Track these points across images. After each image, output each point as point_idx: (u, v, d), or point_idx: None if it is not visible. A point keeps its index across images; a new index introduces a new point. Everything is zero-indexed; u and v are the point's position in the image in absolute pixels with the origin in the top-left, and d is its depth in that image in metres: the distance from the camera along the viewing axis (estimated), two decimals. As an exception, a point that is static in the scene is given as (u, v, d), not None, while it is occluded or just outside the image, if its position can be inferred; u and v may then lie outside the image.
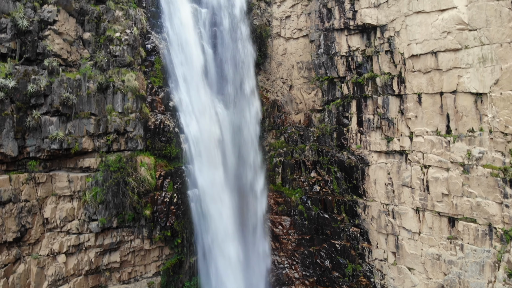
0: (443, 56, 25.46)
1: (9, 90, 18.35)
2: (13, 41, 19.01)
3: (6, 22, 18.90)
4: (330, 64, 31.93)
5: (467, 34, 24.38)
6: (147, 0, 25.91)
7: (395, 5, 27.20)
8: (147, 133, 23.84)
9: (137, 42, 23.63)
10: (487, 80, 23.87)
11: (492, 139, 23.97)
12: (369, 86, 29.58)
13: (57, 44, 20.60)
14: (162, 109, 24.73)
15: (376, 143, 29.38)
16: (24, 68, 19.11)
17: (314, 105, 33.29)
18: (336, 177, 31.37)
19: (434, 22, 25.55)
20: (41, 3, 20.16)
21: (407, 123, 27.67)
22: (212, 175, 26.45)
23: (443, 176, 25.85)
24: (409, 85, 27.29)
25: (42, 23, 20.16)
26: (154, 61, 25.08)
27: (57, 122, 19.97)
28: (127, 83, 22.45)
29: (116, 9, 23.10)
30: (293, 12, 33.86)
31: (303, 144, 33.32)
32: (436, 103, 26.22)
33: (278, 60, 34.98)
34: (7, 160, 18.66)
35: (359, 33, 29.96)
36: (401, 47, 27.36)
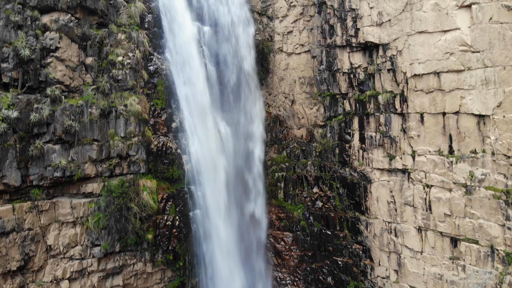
0: (445, 76, 25.41)
1: (11, 120, 18.39)
2: (15, 70, 19.01)
3: (8, 52, 18.90)
4: (332, 81, 31.89)
5: (470, 55, 24.32)
6: (149, 21, 25.88)
7: (398, 24, 27.13)
8: (149, 156, 23.89)
9: (140, 65, 23.63)
10: (490, 102, 23.82)
11: (495, 161, 23.93)
12: (371, 103, 29.55)
13: (60, 71, 20.61)
14: (165, 131, 24.76)
15: (378, 160, 29.37)
16: (27, 98, 19.13)
17: (316, 120, 33.26)
18: (339, 193, 31.38)
19: (437, 43, 25.48)
20: (43, 30, 20.14)
21: (409, 142, 27.64)
22: (214, 195, 26.51)
23: (446, 197, 25.84)
24: (412, 104, 27.25)
25: (44, 50, 20.16)
26: (157, 83, 25.09)
27: (59, 149, 20.02)
28: (129, 107, 22.47)
29: (119, 32, 23.10)
30: (295, 27, 33.80)
31: (305, 159, 33.32)
32: (439, 123, 26.18)
33: (280, 75, 34.95)
34: (10, 190, 18.74)
35: (361, 51, 29.91)
36: (404, 66, 27.31)
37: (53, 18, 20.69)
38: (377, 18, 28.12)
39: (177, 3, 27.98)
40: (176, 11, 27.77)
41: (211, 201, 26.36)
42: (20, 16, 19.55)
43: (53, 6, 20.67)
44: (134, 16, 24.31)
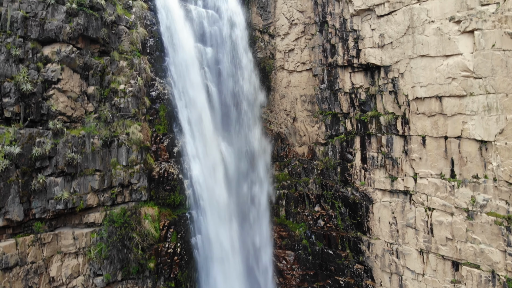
0: (447, 101, 25.37)
1: (14, 156, 18.42)
2: (17, 104, 19.03)
3: (10, 86, 18.91)
4: (334, 100, 31.86)
5: (472, 81, 24.27)
6: (151, 45, 25.86)
7: (400, 47, 27.07)
8: (151, 183, 23.93)
9: (142, 92, 23.63)
10: (492, 128, 23.78)
11: (497, 187, 23.92)
12: (373, 124, 29.52)
13: (62, 103, 20.62)
14: (167, 157, 24.79)
15: (380, 181, 29.37)
16: (29, 132, 19.15)
17: (317, 138, 33.25)
18: (340, 212, 31.40)
19: (439, 67, 25.43)
20: (44, 62, 20.14)
21: (411, 164, 27.63)
22: (216, 218, 26.54)
23: (447, 221, 25.84)
24: (413, 126, 27.22)
25: (46, 83, 20.17)
26: (159, 109, 25.10)
27: (62, 182, 20.06)
28: (131, 136, 22.49)
29: (120, 60, 23.09)
30: (296, 45, 33.74)
31: (306, 177, 33.32)
32: (441, 146, 26.15)
33: (282, 92, 34.92)
34: (13, 225, 18.79)
35: (362, 71, 29.86)
36: (405, 89, 27.26)
37: (55, 50, 20.68)
38: (379, 40, 28.05)
39: (178, 26, 27.95)
40: (178, 34, 27.75)
41: (213, 225, 26.41)
42: (21, 50, 19.54)
43: (55, 38, 20.66)
44: (135, 42, 24.29)
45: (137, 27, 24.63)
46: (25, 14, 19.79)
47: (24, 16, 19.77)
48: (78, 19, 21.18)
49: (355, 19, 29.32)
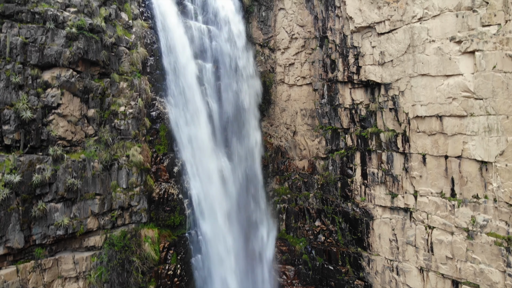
0: (448, 120, 25.34)
1: (14, 185, 18.42)
2: (16, 132, 19.02)
3: (9, 114, 18.89)
4: (334, 115, 31.83)
5: (472, 102, 24.23)
6: (152, 64, 25.82)
7: (400, 65, 27.02)
8: (151, 205, 23.95)
9: (142, 113, 23.62)
10: (492, 149, 23.76)
11: (497, 208, 23.92)
12: (373, 140, 29.50)
13: (62, 127, 20.61)
14: (167, 177, 24.80)
15: (380, 197, 29.37)
16: (29, 159, 19.15)
17: (318, 153, 33.23)
18: (341, 227, 31.42)
19: (439, 87, 25.39)
20: (44, 88, 20.11)
21: (411, 182, 27.62)
22: (216, 237, 26.57)
23: (447, 240, 25.85)
24: (414, 144, 27.19)
25: (46, 108, 20.15)
26: (159, 128, 25.08)
27: (62, 208, 20.08)
28: (131, 158, 22.49)
29: (121, 81, 23.05)
30: (296, 59, 33.69)
31: (307, 192, 33.34)
32: (441, 165, 26.14)
33: (282, 106, 34.89)
34: (14, 252, 18.80)
35: (363, 87, 29.82)
36: (406, 107, 27.23)
37: (55, 75, 20.65)
38: (379, 57, 27.99)
39: (178, 43, 27.90)
40: (178, 51, 27.71)
41: (213, 244, 26.44)
42: (21, 76, 19.51)
43: (54, 63, 20.62)
44: (136, 63, 24.25)
45: (137, 47, 24.58)
46: (24, 40, 19.75)
47: (24, 42, 19.73)
48: (78, 43, 21.14)
49: (356, 36, 29.26)
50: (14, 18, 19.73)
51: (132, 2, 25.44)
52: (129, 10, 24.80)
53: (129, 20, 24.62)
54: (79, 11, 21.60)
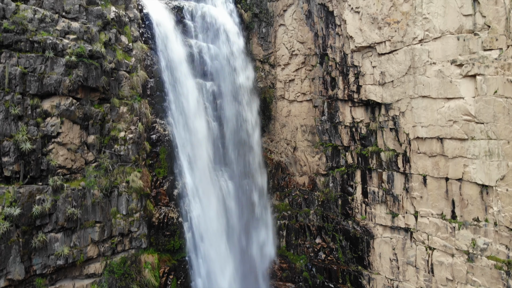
0: (449, 143, 25.28)
1: (14, 218, 18.39)
2: (16, 163, 18.97)
3: (9, 145, 18.84)
4: (334, 132, 31.77)
5: (473, 126, 24.16)
6: (152, 86, 25.75)
7: (401, 86, 26.94)
8: (151, 230, 23.94)
9: (142, 137, 23.57)
10: (493, 174, 23.70)
11: (497, 232, 23.89)
12: (374, 159, 29.45)
13: (61, 156, 20.56)
14: (166, 201, 24.77)
15: (381, 216, 29.35)
16: (29, 190, 19.12)
17: (318, 169, 33.18)
18: (341, 245, 31.41)
19: (440, 109, 25.32)
20: (43, 117, 20.05)
21: (412, 202, 27.59)
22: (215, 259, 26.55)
23: (448, 261, 25.84)
24: (414, 165, 27.14)
25: (46, 138, 20.09)
26: (159, 151, 25.04)
27: (62, 237, 20.06)
28: (131, 184, 22.46)
29: (121, 105, 23.00)
30: (297, 76, 33.60)
31: (307, 208, 33.31)
32: (442, 187, 26.10)
33: (282, 122, 34.83)
34: (14, 283, 18.80)
35: (363, 106, 29.74)
36: (406, 128, 27.16)
37: (54, 104, 20.58)
38: (380, 77, 27.91)
39: (179, 62, 27.84)
40: (178, 71, 27.65)
41: (212, 266, 26.41)
42: (20, 107, 19.44)
43: (54, 92, 20.55)
44: (136, 87, 24.17)
45: (138, 70, 24.50)
46: (23, 70, 19.67)
47: (23, 72, 19.65)
48: (77, 70, 21.06)
49: (356, 55, 29.16)
50: (12, 48, 19.64)
51: (132, 24, 25.33)
52: (129, 33, 24.70)
53: (129, 43, 24.52)
54: (79, 38, 21.50)
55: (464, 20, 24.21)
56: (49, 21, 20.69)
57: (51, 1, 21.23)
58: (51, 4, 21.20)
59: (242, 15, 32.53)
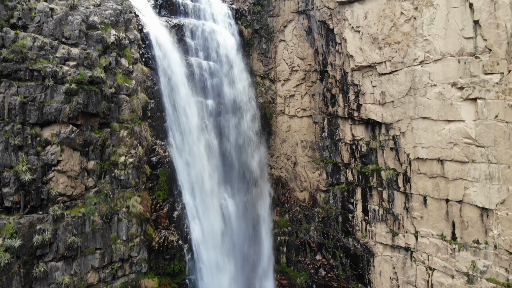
0: (449, 165, 25.27)
1: (15, 249, 18.42)
2: (16, 194, 19.01)
3: (9, 176, 18.85)
4: (335, 149, 31.75)
5: (474, 149, 24.14)
6: (152, 108, 25.73)
7: (401, 106, 26.90)
8: (151, 254, 23.97)
9: (142, 161, 23.57)
10: (493, 197, 23.71)
11: (497, 254, 23.92)
12: (374, 177, 29.44)
13: (61, 184, 20.57)
14: (166, 224, 24.81)
15: (381, 235, 29.36)
16: (29, 220, 19.15)
17: (318, 185, 33.18)
18: (342, 262, 31.43)
19: (441, 131, 25.29)
20: (44, 145, 20.04)
21: (412, 221, 27.60)
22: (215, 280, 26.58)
23: (448, 283, 25.87)
24: (415, 185, 27.14)
25: (46, 166, 20.11)
26: (159, 174, 25.04)
27: (62, 266, 20.10)
28: (131, 209, 22.47)
29: (121, 129, 22.99)
30: (297, 91, 33.56)
31: (308, 224, 33.34)
32: (442, 208, 26.11)
33: (282, 137, 34.80)
34: (15, 314, 18.85)
35: (363, 124, 29.70)
36: (407, 148, 27.13)
37: (54, 132, 20.57)
38: (380, 97, 27.87)
39: (179, 82, 27.77)
40: (179, 91, 27.59)
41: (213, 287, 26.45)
42: (20, 137, 19.42)
43: (54, 120, 20.53)
44: (136, 110, 24.15)
45: (138, 92, 24.47)
46: (23, 99, 19.65)
47: (22, 102, 19.63)
48: (77, 98, 21.04)
49: (356, 74, 29.11)
50: (12, 77, 19.61)
51: (132, 46, 25.28)
52: (129, 55, 24.65)
53: (129, 65, 24.48)
54: (79, 64, 21.47)
55: (465, 43, 24.15)
56: (49, 48, 20.64)
57: (51, 27, 21.16)
58: (51, 30, 21.15)
59: (242, 32, 32.47)
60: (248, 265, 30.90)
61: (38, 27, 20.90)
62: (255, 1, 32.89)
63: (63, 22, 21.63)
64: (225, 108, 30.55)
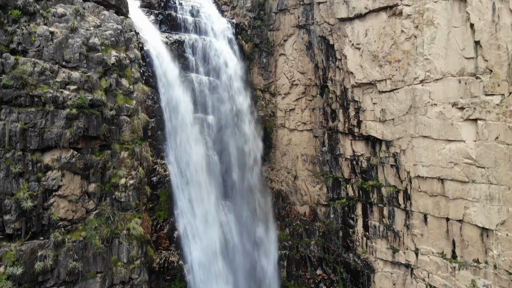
0: (449, 184, 25.29)
1: (17, 277, 18.47)
2: (18, 221, 19.06)
3: (10, 204, 18.89)
4: (335, 164, 31.75)
5: (474, 169, 24.15)
6: (153, 127, 25.74)
7: (401, 124, 26.89)
8: (151, 276, 24.05)
9: (143, 182, 23.60)
10: (493, 218, 23.75)
11: (497, 274, 23.98)
12: (375, 193, 29.46)
13: (62, 208, 20.60)
14: (167, 244, 24.86)
15: (382, 251, 29.40)
16: (30, 247, 19.21)
17: (319, 199, 33.20)
18: (342, 278, 31.49)
19: (441, 150, 25.30)
20: (44, 171, 20.06)
21: (412, 239, 27.64)
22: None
23: (449, 301, 25.90)
24: (415, 203, 27.17)
25: (47, 192, 20.13)
26: (160, 194, 25.09)
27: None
28: (132, 231, 22.52)
29: (121, 151, 23.01)
30: (297, 105, 33.54)
31: (308, 239, 33.38)
32: (442, 226, 26.15)
33: (283, 150, 34.80)
34: None
35: (364, 140, 29.70)
36: (407, 166, 27.14)
37: (55, 157, 20.58)
38: (380, 114, 27.85)
39: (180, 99, 27.83)
40: (179, 108, 27.64)
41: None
42: (21, 164, 19.45)
43: (55, 145, 20.54)
44: (137, 130, 24.15)
45: (138, 113, 24.47)
46: (23, 126, 19.65)
47: (23, 128, 19.63)
48: (78, 122, 21.03)
49: (356, 90, 29.09)
50: (12, 103, 19.60)
51: (132, 65, 25.26)
52: (130, 75, 24.63)
53: (130, 85, 24.46)
54: (79, 88, 21.46)
55: (465, 63, 24.14)
56: (49, 73, 20.63)
57: (51, 51, 21.14)
58: (51, 54, 21.12)
59: (242, 46, 32.44)
60: (250, 281, 30.94)
61: (38, 51, 20.87)
62: (255, 16, 32.84)
63: (64, 45, 21.59)
64: (225, 123, 30.56)
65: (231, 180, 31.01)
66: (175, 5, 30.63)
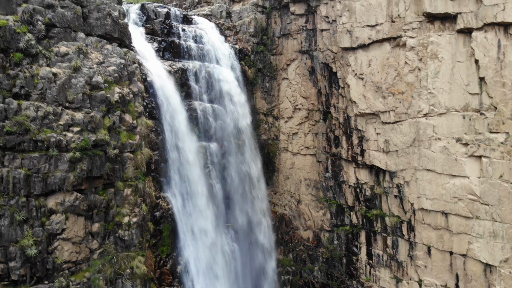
0: (453, 219, 25.24)
1: (21, 325, 18.60)
2: (23, 267, 19.13)
3: (15, 251, 18.98)
4: (339, 190, 31.72)
5: (478, 206, 24.10)
6: (156, 160, 25.73)
7: (405, 156, 26.80)
8: (156, 313, 24.09)
9: (146, 219, 23.66)
10: (497, 255, 23.70)
11: (501, 311, 23.90)
12: (378, 222, 29.43)
13: (66, 251, 20.67)
14: (170, 280, 24.93)
15: (385, 280, 29.41)
16: (36, 293, 19.29)
17: (322, 225, 33.20)
18: (345, 304, 31.53)
19: (445, 185, 25.22)
20: (48, 215, 20.13)
21: (416, 270, 27.63)
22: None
23: (452, 334, 25.91)
24: (419, 235, 27.13)
25: (51, 236, 20.20)
26: (163, 229, 25.13)
27: (69, 335, 20.24)
28: (135, 270, 22.54)
29: (125, 188, 23.03)
30: (300, 129, 33.48)
31: (311, 265, 33.41)
32: (446, 260, 26.12)
33: (286, 174, 34.78)
34: None
35: (367, 168, 29.63)
36: (411, 198, 27.08)
37: (59, 201, 20.59)
38: (384, 145, 27.76)
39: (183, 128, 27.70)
40: (183, 138, 27.52)
41: None
42: (25, 211, 19.48)
43: (58, 189, 20.56)
44: (140, 166, 24.13)
45: (142, 148, 24.45)
46: (27, 172, 19.67)
47: (27, 174, 19.66)
48: (81, 164, 21.03)
49: (359, 120, 28.99)
50: (16, 149, 19.60)
51: (136, 99, 25.19)
52: (133, 110, 24.60)
53: (133, 120, 24.42)
54: (83, 130, 21.42)
55: (470, 99, 24.02)
56: (52, 117, 20.62)
57: (54, 93, 21.12)
58: (54, 97, 21.10)
59: (246, 72, 32.36)
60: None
61: (41, 94, 20.85)
62: (258, 41, 32.75)
63: (67, 86, 21.58)
64: (228, 149, 30.54)
65: (234, 207, 31.01)
66: (178, 31, 30.56)
